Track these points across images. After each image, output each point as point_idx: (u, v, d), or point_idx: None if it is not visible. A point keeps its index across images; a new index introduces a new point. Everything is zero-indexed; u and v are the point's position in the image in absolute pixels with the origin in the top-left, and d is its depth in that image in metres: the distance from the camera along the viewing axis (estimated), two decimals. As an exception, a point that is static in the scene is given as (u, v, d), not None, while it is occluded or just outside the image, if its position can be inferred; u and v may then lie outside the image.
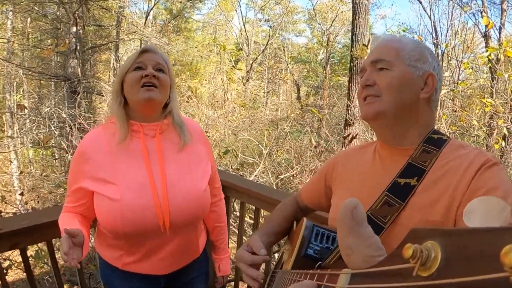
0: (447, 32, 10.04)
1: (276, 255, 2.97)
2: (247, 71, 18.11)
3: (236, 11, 20.08)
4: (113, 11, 8.92)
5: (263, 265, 2.02)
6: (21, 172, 6.62)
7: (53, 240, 2.00)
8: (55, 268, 1.97)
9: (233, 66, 18.95)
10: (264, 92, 19.54)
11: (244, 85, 17.80)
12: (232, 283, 2.65)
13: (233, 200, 2.98)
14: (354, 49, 5.69)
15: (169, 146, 1.35)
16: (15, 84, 9.30)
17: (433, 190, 0.85)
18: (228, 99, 15.20)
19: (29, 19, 9.83)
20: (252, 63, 18.07)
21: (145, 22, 11.81)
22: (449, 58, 8.82)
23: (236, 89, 17.56)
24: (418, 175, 0.89)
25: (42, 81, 10.79)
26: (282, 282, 0.86)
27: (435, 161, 0.90)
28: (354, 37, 5.68)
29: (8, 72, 7.31)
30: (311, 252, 0.92)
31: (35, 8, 7.67)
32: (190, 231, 1.42)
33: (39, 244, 3.47)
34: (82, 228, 1.26)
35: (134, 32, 10.14)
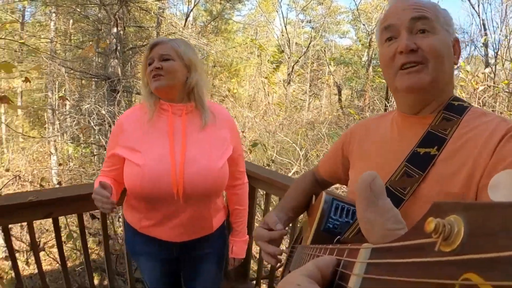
0: (500, 31, 9.67)
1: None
2: (288, 74, 18.19)
3: (277, 12, 20.30)
4: (152, 12, 9.36)
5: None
6: (60, 164, 7.11)
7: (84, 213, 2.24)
8: (83, 241, 2.21)
9: (274, 69, 19.13)
10: (305, 95, 19.53)
11: (285, 88, 17.90)
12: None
13: (261, 192, 3.12)
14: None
15: (193, 126, 1.57)
16: (57, 84, 9.99)
17: (454, 160, 0.83)
18: (269, 102, 15.37)
19: (71, 21, 10.52)
20: (293, 65, 18.15)
21: (184, 24, 12.29)
22: (503, 59, 8.49)
23: (276, 91, 17.70)
24: (438, 144, 0.87)
25: (83, 81, 11.47)
26: (301, 257, 0.84)
27: (455, 129, 0.88)
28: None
29: (51, 70, 7.88)
30: (331, 226, 0.93)
31: (77, 9, 8.23)
32: (203, 205, 1.60)
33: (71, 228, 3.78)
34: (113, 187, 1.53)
35: (173, 33, 10.56)
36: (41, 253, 4.21)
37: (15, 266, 1.97)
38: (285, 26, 18.94)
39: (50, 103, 10.30)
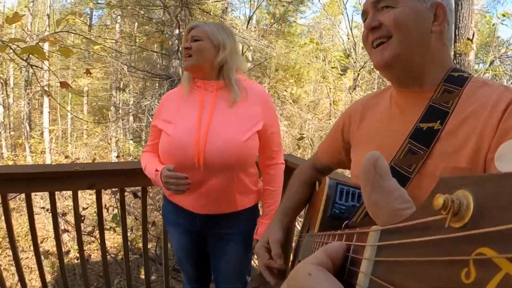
0: None
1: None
2: (354, 79, 17.92)
3: (342, 14, 20.16)
4: (211, 13, 9.79)
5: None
6: (117, 156, 7.67)
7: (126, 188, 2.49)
8: (123, 218, 2.46)
9: (340, 74, 18.92)
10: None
11: (350, 94, 17.66)
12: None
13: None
14: (457, 44, 5.39)
15: (223, 101, 1.71)
16: (122, 84, 10.77)
17: (458, 134, 0.83)
18: (331, 105, 15.27)
19: (136, 24, 11.30)
20: (360, 70, 17.87)
21: (247, 26, 12.70)
22: None
23: (341, 99, 17.55)
24: (441, 118, 0.87)
25: (147, 82, 12.21)
26: (310, 245, 0.84)
27: (457, 101, 0.87)
28: (457, 30, 5.31)
29: (115, 69, 8.54)
30: (337, 211, 0.94)
31: (141, 12, 8.85)
32: (225, 178, 1.68)
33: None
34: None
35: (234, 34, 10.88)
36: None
37: (56, 230, 2.26)
38: (351, 29, 18.71)
39: (113, 102, 11.12)
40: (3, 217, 2.41)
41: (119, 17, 10.31)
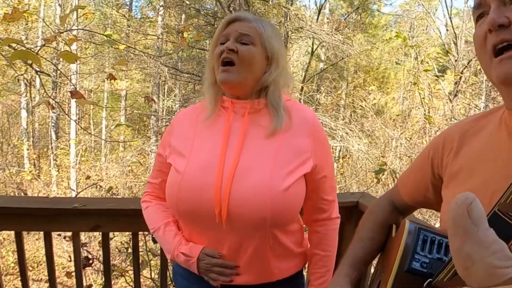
0: None
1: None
2: (456, 82, 17.20)
3: (439, 0, 19.47)
4: (273, 1, 9.75)
5: None
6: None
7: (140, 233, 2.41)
8: (136, 265, 2.36)
9: (436, 76, 18.21)
10: (478, 110, 18.22)
11: (450, 102, 16.96)
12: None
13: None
14: None
15: (257, 129, 1.50)
16: (166, 88, 11.00)
17: None
18: (426, 120, 14.71)
19: (183, 16, 11.53)
20: (462, 70, 17.12)
21: (317, 17, 12.53)
22: None
23: (439, 107, 16.85)
24: None
25: (196, 86, 12.39)
26: None
27: None
28: None
29: (157, 72, 8.70)
30: (417, 265, 0.90)
31: (186, 1, 8.97)
32: (256, 238, 1.46)
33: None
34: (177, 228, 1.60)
35: (301, 28, 10.78)
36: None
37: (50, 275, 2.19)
38: (450, 18, 17.97)
39: (154, 109, 11.36)
40: None
41: (161, 8, 10.52)
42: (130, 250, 3.13)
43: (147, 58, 8.07)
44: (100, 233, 2.25)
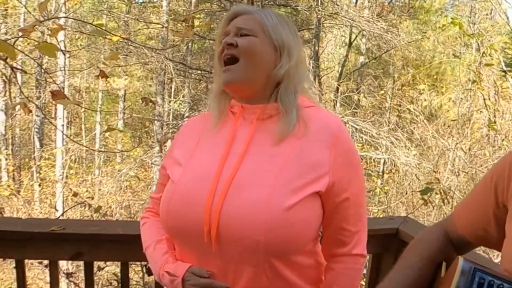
0: None
1: None
2: (528, 78, 17.01)
3: (507, -22, 19.24)
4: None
5: None
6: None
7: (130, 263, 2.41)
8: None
9: (504, 72, 17.97)
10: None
11: (519, 103, 16.77)
12: None
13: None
14: None
15: (266, 136, 1.50)
16: (172, 88, 11.03)
17: None
18: (490, 126, 14.52)
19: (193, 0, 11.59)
20: (534, 64, 16.93)
21: (356, 1, 12.49)
22: None
23: (498, 109, 16.63)
24: None
25: (209, 85, 12.45)
26: None
27: None
28: None
29: (161, 68, 8.75)
30: None
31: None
32: (248, 264, 1.42)
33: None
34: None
35: (336, 13, 10.73)
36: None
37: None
38: (522, 1, 17.77)
39: (158, 112, 11.40)
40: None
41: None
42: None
43: (148, 52, 8.08)
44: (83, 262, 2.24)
